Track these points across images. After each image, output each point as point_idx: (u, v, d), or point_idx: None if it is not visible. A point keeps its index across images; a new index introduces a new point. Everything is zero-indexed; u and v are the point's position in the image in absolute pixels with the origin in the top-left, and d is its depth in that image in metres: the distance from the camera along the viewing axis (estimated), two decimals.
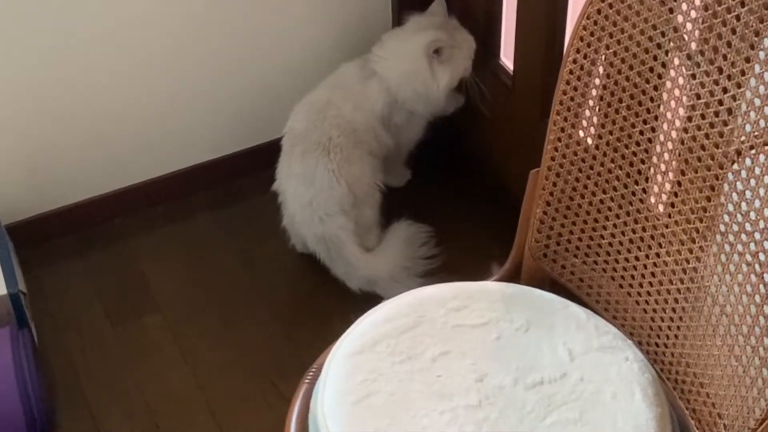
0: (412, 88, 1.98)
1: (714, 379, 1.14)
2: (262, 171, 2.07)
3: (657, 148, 1.18)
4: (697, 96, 1.09)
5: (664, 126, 1.16)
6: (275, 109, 2.11)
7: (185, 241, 2.12)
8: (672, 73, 1.13)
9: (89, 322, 1.93)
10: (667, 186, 1.18)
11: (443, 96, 2.01)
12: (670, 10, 1.10)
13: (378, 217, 2.01)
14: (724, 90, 1.06)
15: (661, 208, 1.20)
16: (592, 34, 1.20)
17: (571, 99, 1.25)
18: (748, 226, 1.05)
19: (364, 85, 1.99)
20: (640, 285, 1.26)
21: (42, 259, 2.05)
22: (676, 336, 1.21)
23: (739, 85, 1.04)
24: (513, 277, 1.41)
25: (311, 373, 1.26)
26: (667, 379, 1.23)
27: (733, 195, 1.07)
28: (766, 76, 1.00)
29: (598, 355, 1.21)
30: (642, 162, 1.21)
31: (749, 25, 1.01)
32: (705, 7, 1.06)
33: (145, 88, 2.03)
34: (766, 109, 1.01)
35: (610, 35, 1.18)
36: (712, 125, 1.08)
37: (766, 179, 1.02)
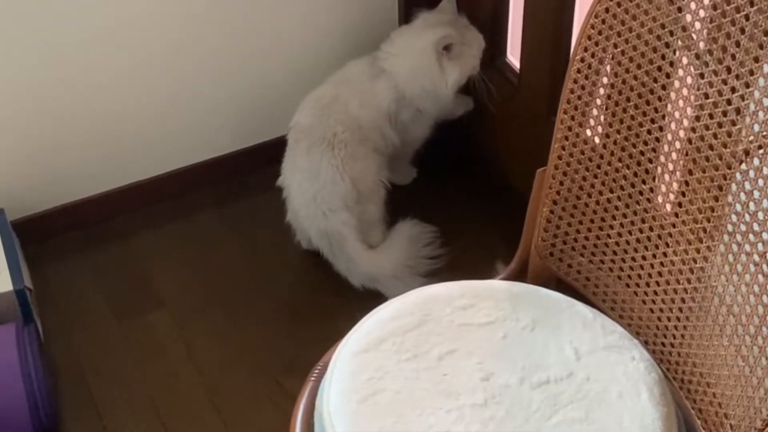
0: (420, 84, 1.97)
1: (720, 379, 1.14)
2: (268, 168, 2.07)
3: (665, 147, 1.18)
4: (706, 95, 1.09)
5: (672, 125, 1.16)
6: (280, 106, 2.11)
7: (190, 238, 2.12)
8: (680, 72, 1.13)
9: (94, 319, 1.93)
10: (675, 185, 1.18)
11: (452, 93, 2.01)
12: (679, 9, 1.10)
13: (382, 214, 2.01)
14: (733, 89, 1.05)
15: (668, 207, 1.20)
16: (600, 33, 1.20)
17: (579, 98, 1.25)
18: (755, 226, 1.05)
19: (372, 82, 1.99)
20: (647, 284, 1.25)
21: (48, 255, 2.05)
22: (682, 336, 1.21)
23: (747, 85, 1.03)
24: (519, 276, 1.41)
25: (317, 371, 1.25)
26: (674, 378, 1.23)
27: (741, 195, 1.07)
28: None
29: (604, 355, 1.20)
30: (649, 161, 1.21)
31: (758, 24, 1.01)
32: (714, 6, 1.05)
33: (148, 86, 2.03)
34: None
35: (618, 34, 1.18)
36: (720, 125, 1.08)
37: None
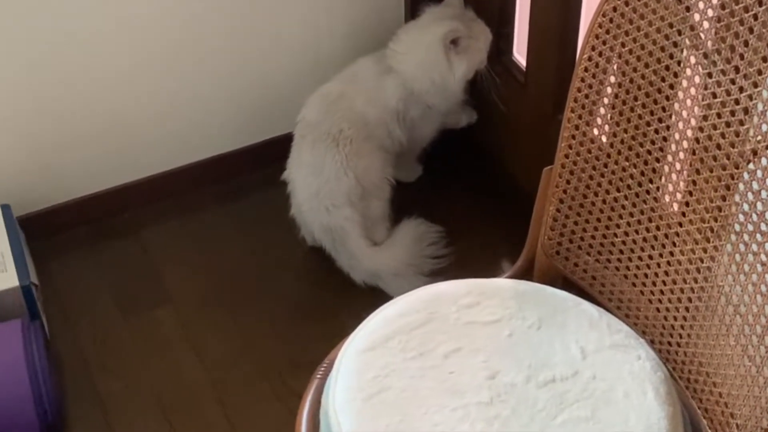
0: (429, 77, 1.97)
1: (727, 378, 1.14)
2: (274, 165, 2.07)
3: (672, 146, 1.18)
4: (714, 94, 1.09)
5: (680, 125, 1.16)
6: (285, 104, 2.11)
7: (195, 235, 2.12)
8: (688, 71, 1.12)
9: (100, 314, 1.93)
10: (682, 185, 1.18)
11: (460, 87, 2.01)
12: (687, 9, 1.10)
13: (387, 211, 2.01)
14: (741, 89, 1.05)
15: (675, 206, 1.20)
16: (608, 32, 1.19)
17: (586, 96, 1.25)
18: (763, 226, 1.05)
19: (379, 80, 1.99)
20: (653, 283, 1.25)
21: (53, 251, 2.06)
22: (688, 335, 1.21)
23: (755, 85, 1.03)
24: (525, 275, 1.41)
25: (323, 369, 1.26)
26: (680, 378, 1.23)
27: (749, 195, 1.07)
28: None
29: (610, 354, 1.20)
30: (657, 160, 1.21)
31: (767, 23, 1.00)
32: (722, 6, 1.05)
33: (155, 82, 2.03)
34: None
35: (626, 33, 1.18)
36: (728, 124, 1.08)
37: None
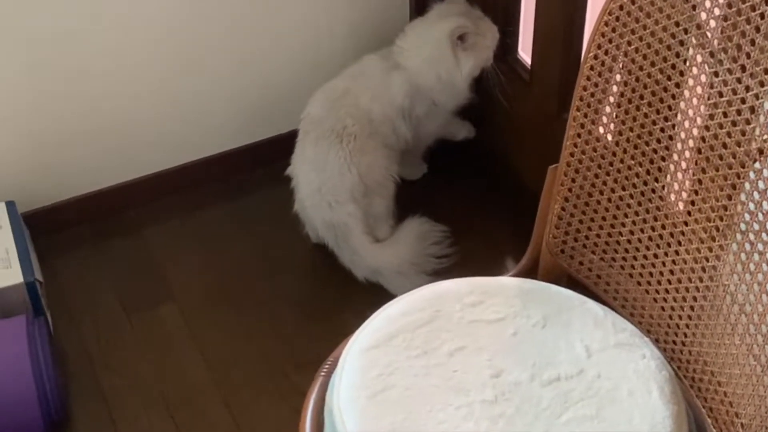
0: (435, 73, 1.97)
1: (732, 377, 1.14)
2: (275, 163, 2.07)
3: (678, 145, 1.17)
4: (720, 93, 1.08)
5: (686, 123, 1.15)
6: (286, 103, 2.12)
7: (199, 232, 2.12)
8: (695, 70, 1.12)
9: (104, 312, 1.94)
10: (688, 183, 1.18)
11: (466, 84, 2.01)
12: (693, 7, 1.10)
13: (390, 209, 2.01)
14: (747, 88, 1.05)
15: (681, 205, 1.20)
16: (613, 30, 1.19)
17: (591, 95, 1.25)
18: None
19: (386, 76, 1.99)
20: (659, 282, 1.25)
21: (58, 248, 2.06)
22: (693, 334, 1.21)
23: (762, 84, 1.03)
24: (530, 273, 1.40)
25: (327, 366, 1.26)
26: (684, 377, 1.23)
27: (755, 194, 1.06)
28: None
29: (615, 352, 1.20)
30: (662, 159, 1.20)
31: None
32: (729, 4, 1.05)
33: (157, 81, 2.03)
34: None
35: (631, 31, 1.17)
36: (734, 123, 1.08)
37: None
